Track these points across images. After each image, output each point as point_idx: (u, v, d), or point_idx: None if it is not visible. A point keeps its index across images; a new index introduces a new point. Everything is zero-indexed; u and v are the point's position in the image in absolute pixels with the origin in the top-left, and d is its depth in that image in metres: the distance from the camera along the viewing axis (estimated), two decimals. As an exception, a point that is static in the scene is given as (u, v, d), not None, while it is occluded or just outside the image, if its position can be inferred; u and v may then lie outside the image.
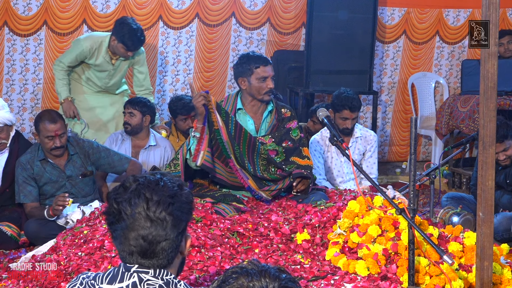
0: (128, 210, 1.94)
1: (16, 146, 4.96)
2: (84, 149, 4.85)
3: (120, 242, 1.96)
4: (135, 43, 5.55)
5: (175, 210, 1.96)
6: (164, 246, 1.94)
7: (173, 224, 1.95)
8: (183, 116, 5.70)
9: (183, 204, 1.99)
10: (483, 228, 2.90)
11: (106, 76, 5.76)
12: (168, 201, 1.95)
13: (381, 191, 3.34)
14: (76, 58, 5.64)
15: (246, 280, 1.62)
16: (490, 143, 2.88)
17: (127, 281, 1.95)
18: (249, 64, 4.25)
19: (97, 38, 5.68)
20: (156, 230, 1.93)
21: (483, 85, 2.86)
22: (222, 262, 3.39)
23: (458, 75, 7.40)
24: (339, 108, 5.23)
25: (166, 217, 1.94)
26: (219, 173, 4.12)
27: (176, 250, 1.99)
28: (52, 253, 3.67)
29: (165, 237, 1.94)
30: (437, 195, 5.07)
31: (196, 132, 4.02)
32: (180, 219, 1.97)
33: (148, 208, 1.93)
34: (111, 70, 5.74)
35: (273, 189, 4.17)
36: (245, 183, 4.08)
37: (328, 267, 3.41)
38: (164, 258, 1.96)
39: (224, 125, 4.04)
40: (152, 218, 1.93)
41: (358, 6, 6.53)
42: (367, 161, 5.40)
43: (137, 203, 1.94)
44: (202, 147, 4.01)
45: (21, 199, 4.73)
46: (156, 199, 1.94)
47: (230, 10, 6.66)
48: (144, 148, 5.52)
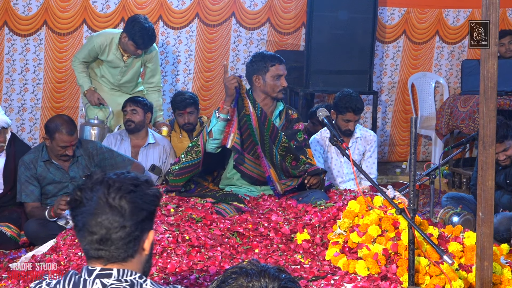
0: (89, 195, 1.91)
1: (12, 149, 4.94)
2: (88, 151, 4.85)
3: (80, 229, 1.92)
4: (145, 41, 5.58)
5: (135, 197, 1.92)
6: (122, 235, 1.90)
7: (131, 212, 1.90)
8: (180, 111, 5.76)
9: (146, 194, 1.94)
10: (483, 228, 2.90)
11: (118, 72, 5.79)
12: (130, 189, 1.91)
13: (381, 191, 3.34)
14: (88, 53, 5.70)
15: (245, 280, 1.61)
16: (490, 143, 2.88)
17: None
18: (264, 62, 4.32)
19: (108, 35, 5.72)
20: (113, 216, 1.89)
21: (483, 85, 2.86)
22: (222, 262, 3.39)
23: (458, 75, 7.40)
24: (342, 110, 5.21)
25: (125, 204, 1.90)
26: (245, 166, 4.19)
27: (136, 242, 1.93)
28: (52, 253, 3.66)
29: (122, 223, 1.89)
30: (437, 195, 5.07)
31: (222, 113, 4.05)
32: (141, 208, 1.92)
33: (109, 194, 1.90)
34: (123, 67, 5.77)
35: (289, 184, 4.22)
36: (266, 172, 4.12)
37: (328, 267, 3.41)
38: (122, 248, 1.91)
39: (254, 111, 4.11)
40: (111, 203, 1.89)
41: (358, 6, 6.53)
42: (366, 161, 5.40)
43: (98, 189, 1.91)
44: (232, 129, 4.07)
45: (22, 198, 4.72)
46: (118, 186, 1.91)
47: (230, 10, 6.66)
48: (143, 147, 5.52)
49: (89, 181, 1.94)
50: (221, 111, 4.06)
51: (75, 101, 6.46)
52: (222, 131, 4.07)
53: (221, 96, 6.83)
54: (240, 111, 4.10)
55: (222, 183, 4.42)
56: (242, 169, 4.21)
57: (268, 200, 4.20)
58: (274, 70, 4.30)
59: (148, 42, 5.61)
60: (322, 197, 4.15)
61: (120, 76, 5.80)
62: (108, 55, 5.69)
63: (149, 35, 5.56)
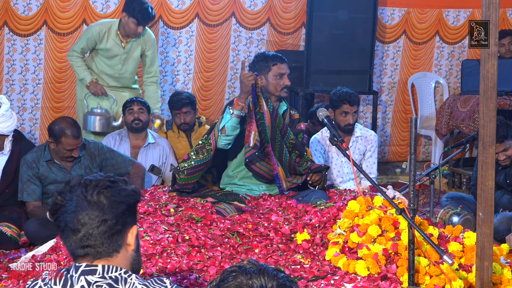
0: (68, 196, 1.96)
1: (17, 147, 4.96)
2: (90, 151, 4.85)
3: (63, 230, 1.97)
4: (145, 16, 5.65)
5: (113, 192, 1.97)
6: (104, 229, 1.94)
7: (110, 205, 1.95)
8: (176, 111, 5.78)
9: (123, 189, 1.99)
10: (483, 228, 2.90)
11: (117, 61, 5.80)
12: (107, 184, 1.97)
13: (381, 191, 3.34)
14: (87, 43, 5.72)
15: (245, 278, 1.63)
16: (490, 143, 2.88)
17: (76, 286, 1.93)
18: (266, 62, 4.34)
19: (106, 23, 5.80)
20: (92, 211, 1.94)
21: (483, 85, 2.86)
22: (222, 262, 3.39)
23: (458, 75, 7.40)
24: (338, 103, 5.23)
25: (103, 199, 1.95)
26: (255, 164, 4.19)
27: (119, 236, 1.97)
28: (52, 253, 3.66)
29: (102, 217, 1.94)
30: (437, 195, 5.08)
31: (236, 109, 4.04)
32: (119, 201, 1.97)
33: (86, 191, 1.95)
34: (122, 54, 5.78)
35: (294, 182, 4.25)
36: (275, 170, 4.17)
37: (328, 267, 3.41)
38: (106, 243, 1.94)
39: (268, 109, 4.15)
40: (90, 200, 1.94)
41: (358, 6, 6.53)
42: (367, 161, 5.40)
43: (76, 189, 1.97)
44: (253, 127, 4.10)
45: (24, 197, 4.73)
46: (95, 183, 1.97)
47: (230, 10, 6.66)
48: (143, 147, 5.52)
49: (68, 185, 2.00)
50: (235, 108, 4.05)
51: (75, 101, 6.47)
52: (235, 127, 4.08)
53: (221, 96, 6.83)
54: (255, 109, 4.12)
55: (222, 182, 4.42)
56: (254, 168, 4.21)
57: (268, 200, 4.20)
58: (276, 69, 4.33)
59: (147, 17, 5.67)
60: (322, 197, 4.16)
61: (120, 65, 5.81)
62: (107, 42, 5.72)
63: (148, 10, 5.65)
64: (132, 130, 5.52)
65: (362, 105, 7.26)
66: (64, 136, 4.63)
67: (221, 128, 4.08)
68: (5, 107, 4.90)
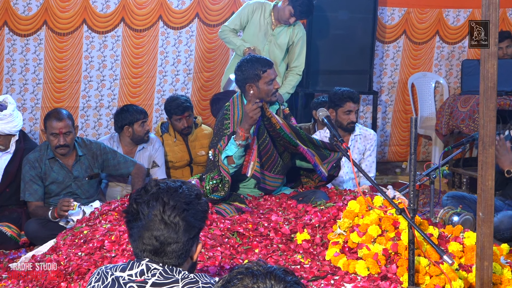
0: (145, 211, 2.08)
1: (21, 146, 4.97)
2: (92, 151, 4.86)
3: (135, 239, 2.10)
4: (303, 10, 5.73)
5: (188, 216, 2.09)
6: (175, 248, 2.08)
7: (185, 229, 2.08)
8: (178, 116, 5.71)
9: (197, 212, 2.13)
10: (483, 228, 2.90)
11: (262, 37, 5.86)
12: (183, 207, 2.09)
13: (381, 191, 3.34)
14: (240, 20, 5.86)
15: (251, 281, 1.60)
16: (490, 143, 2.87)
17: (136, 269, 2.08)
18: (255, 70, 4.27)
19: (261, 2, 5.93)
20: (168, 232, 2.06)
21: (483, 85, 2.85)
22: (222, 262, 3.39)
23: (458, 75, 7.40)
24: (340, 102, 5.26)
25: (180, 222, 2.07)
26: (266, 183, 4.30)
27: (186, 254, 2.12)
28: (52, 253, 3.67)
29: (176, 239, 2.07)
30: (437, 195, 5.07)
31: (241, 140, 4.03)
32: (193, 225, 2.10)
33: (164, 212, 2.07)
34: (270, 35, 5.86)
35: (330, 160, 4.32)
36: (311, 160, 4.23)
37: (328, 267, 3.41)
38: (174, 258, 2.09)
39: (281, 118, 4.24)
40: (166, 221, 2.06)
41: (358, 6, 6.53)
42: (366, 160, 5.40)
43: (154, 206, 2.08)
44: (252, 158, 4.13)
45: (26, 197, 4.74)
46: (172, 204, 2.08)
47: (230, 10, 6.66)
48: (138, 151, 5.49)
49: (145, 195, 2.11)
50: (241, 139, 4.02)
51: (75, 101, 6.46)
52: (242, 156, 4.10)
53: (221, 96, 6.82)
54: (260, 137, 4.18)
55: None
56: (265, 187, 4.33)
57: (269, 200, 4.20)
58: (267, 76, 4.27)
59: (305, 11, 5.75)
60: (322, 197, 4.16)
61: (267, 46, 5.86)
62: (260, 17, 5.83)
63: (309, 6, 5.72)
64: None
65: (362, 105, 7.27)
66: (48, 120, 4.73)
67: (227, 158, 4.07)
68: (11, 107, 4.91)
